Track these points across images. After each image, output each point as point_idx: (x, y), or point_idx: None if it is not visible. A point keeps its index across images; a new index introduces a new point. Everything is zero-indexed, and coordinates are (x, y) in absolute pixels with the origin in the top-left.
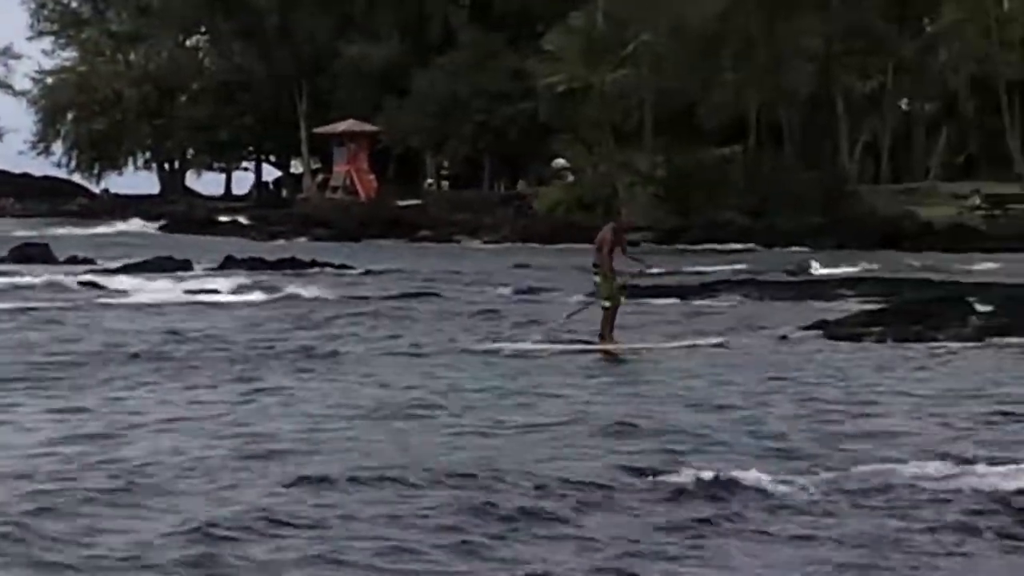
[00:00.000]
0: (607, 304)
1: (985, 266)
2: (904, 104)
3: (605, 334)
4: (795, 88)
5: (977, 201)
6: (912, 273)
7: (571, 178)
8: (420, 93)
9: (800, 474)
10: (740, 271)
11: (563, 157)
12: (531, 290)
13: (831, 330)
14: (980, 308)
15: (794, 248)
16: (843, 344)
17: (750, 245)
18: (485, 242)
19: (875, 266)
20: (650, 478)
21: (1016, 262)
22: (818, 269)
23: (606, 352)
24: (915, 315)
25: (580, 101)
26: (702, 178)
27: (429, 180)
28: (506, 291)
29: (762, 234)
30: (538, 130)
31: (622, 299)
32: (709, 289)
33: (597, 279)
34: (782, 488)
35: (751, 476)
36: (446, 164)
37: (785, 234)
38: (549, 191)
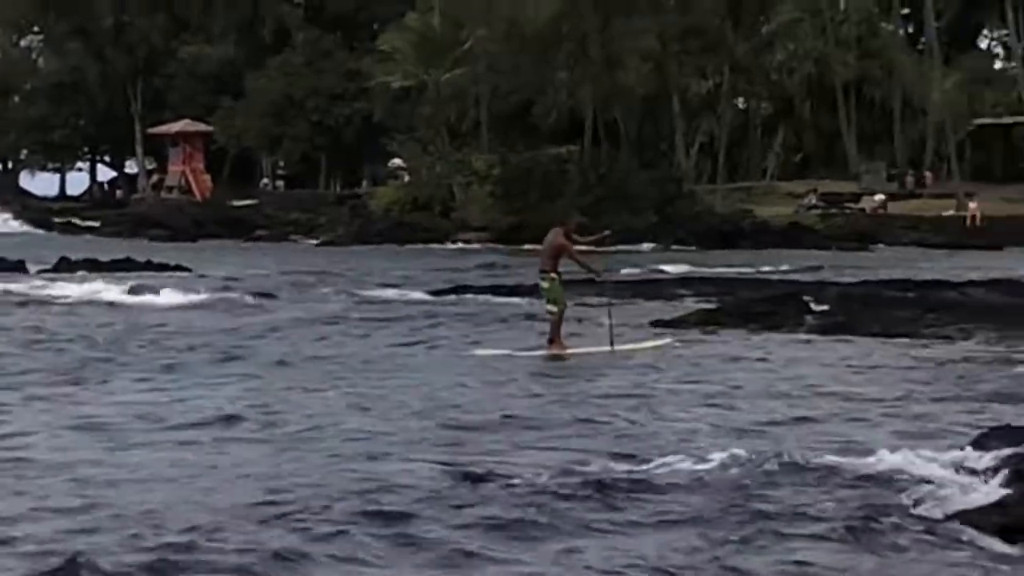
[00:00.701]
0: (554, 308)
1: (821, 265)
2: (740, 104)
3: (555, 338)
4: (631, 87)
5: (813, 200)
6: (749, 272)
7: (407, 178)
8: (255, 93)
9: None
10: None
11: (399, 156)
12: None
13: (668, 328)
14: (815, 307)
15: (631, 247)
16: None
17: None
18: (320, 243)
19: (712, 266)
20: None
21: (851, 260)
22: (655, 268)
23: (556, 356)
24: (751, 314)
25: (416, 100)
26: (538, 177)
27: (265, 180)
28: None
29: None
30: (374, 130)
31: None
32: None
33: (545, 284)
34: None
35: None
36: (282, 164)
37: (621, 234)
38: (385, 190)
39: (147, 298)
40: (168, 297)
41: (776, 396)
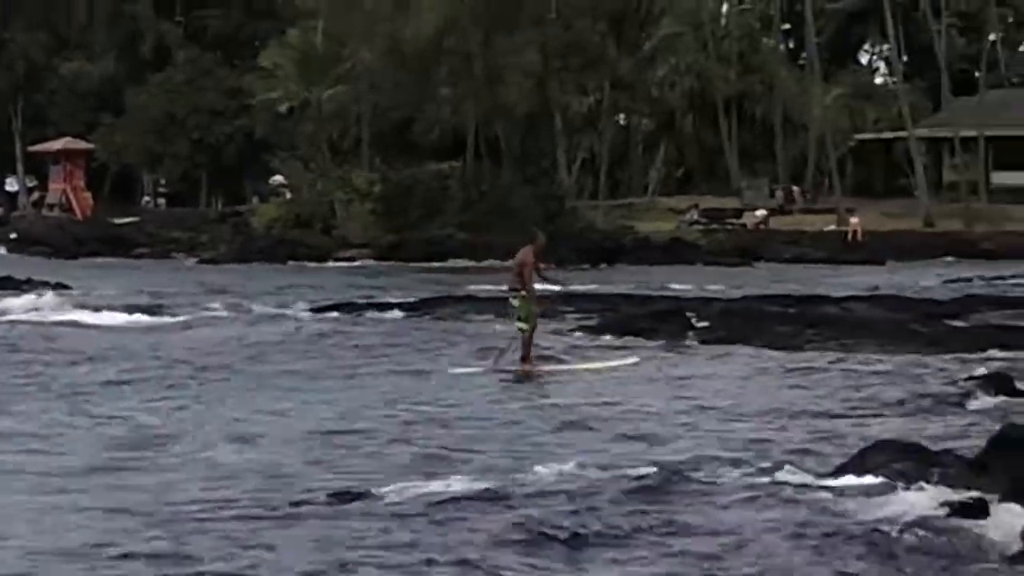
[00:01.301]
0: (524, 326)
1: (704, 279)
2: (622, 120)
3: (526, 356)
4: (513, 104)
5: (695, 216)
6: (632, 288)
7: (288, 195)
8: (135, 110)
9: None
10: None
11: (280, 174)
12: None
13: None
14: (697, 323)
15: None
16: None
17: (469, 261)
18: (202, 260)
19: (594, 282)
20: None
21: (732, 276)
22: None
23: (527, 374)
24: (633, 329)
25: (297, 118)
26: (420, 194)
27: (146, 197)
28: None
29: (481, 250)
30: (255, 147)
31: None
32: (427, 305)
33: (515, 302)
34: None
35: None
36: (163, 182)
37: (503, 250)
38: (266, 208)
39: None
40: (59, 314)
41: (656, 413)
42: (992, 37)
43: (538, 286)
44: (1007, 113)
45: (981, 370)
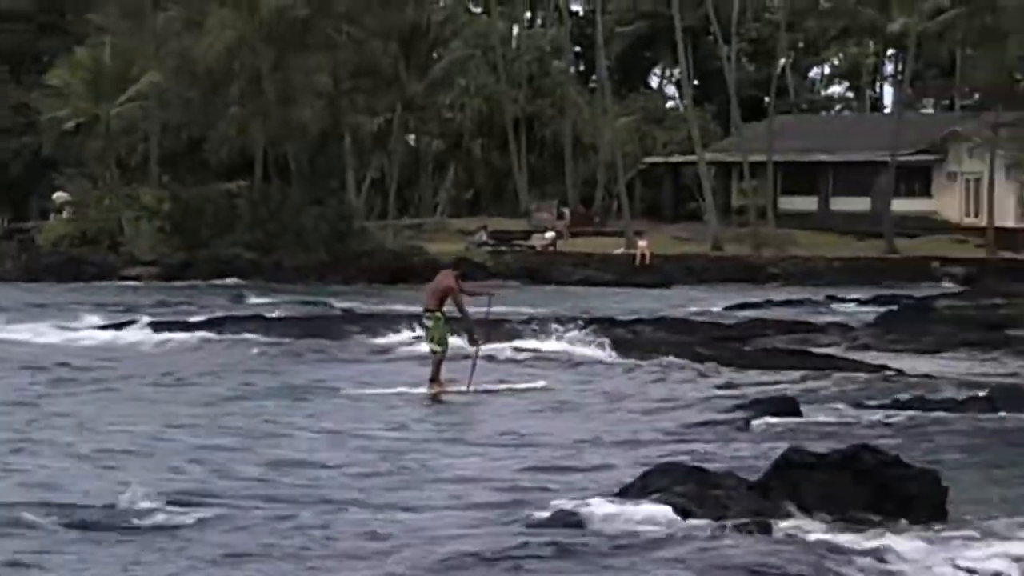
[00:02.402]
0: (438, 348)
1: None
2: (412, 140)
3: (435, 377)
4: (303, 124)
5: (484, 237)
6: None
7: (67, 212)
8: None
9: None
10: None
11: (66, 191)
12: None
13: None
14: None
15: (301, 284)
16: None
17: (257, 281)
18: None
19: (386, 303)
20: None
21: (521, 298)
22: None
23: (436, 396)
24: None
25: (85, 135)
26: (209, 212)
27: None
28: None
29: (269, 270)
30: (42, 164)
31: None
32: (227, 323)
33: (429, 323)
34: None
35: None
36: None
37: (292, 270)
38: (53, 225)
39: None
40: None
41: (453, 441)
42: (781, 63)
43: (472, 308)
44: (795, 138)
45: (766, 393)
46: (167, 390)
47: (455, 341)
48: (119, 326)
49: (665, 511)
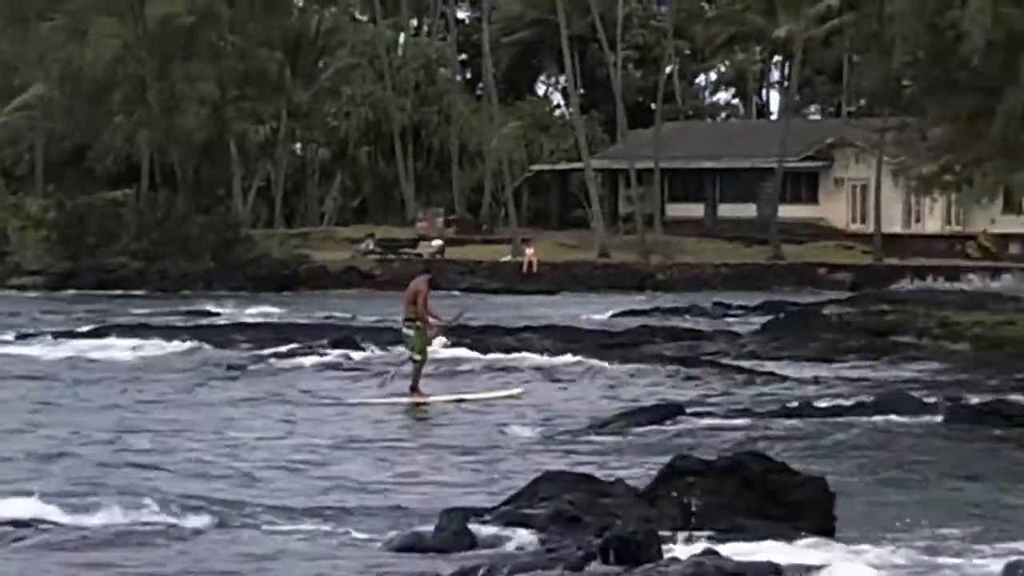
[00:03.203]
0: (417, 357)
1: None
2: (298, 149)
3: (416, 386)
4: (189, 132)
5: (370, 245)
6: (312, 317)
7: None
8: None
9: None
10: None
11: None
12: None
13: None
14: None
15: (187, 293)
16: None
17: (143, 289)
18: None
19: (275, 309)
20: None
21: None
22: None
23: (417, 404)
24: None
25: None
26: (94, 221)
27: None
28: None
29: (155, 279)
30: None
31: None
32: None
33: (410, 332)
34: None
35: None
36: None
37: (178, 279)
38: None
39: None
40: None
41: (305, 448)
42: (668, 70)
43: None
44: (683, 146)
45: (654, 400)
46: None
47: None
48: None
49: (552, 518)
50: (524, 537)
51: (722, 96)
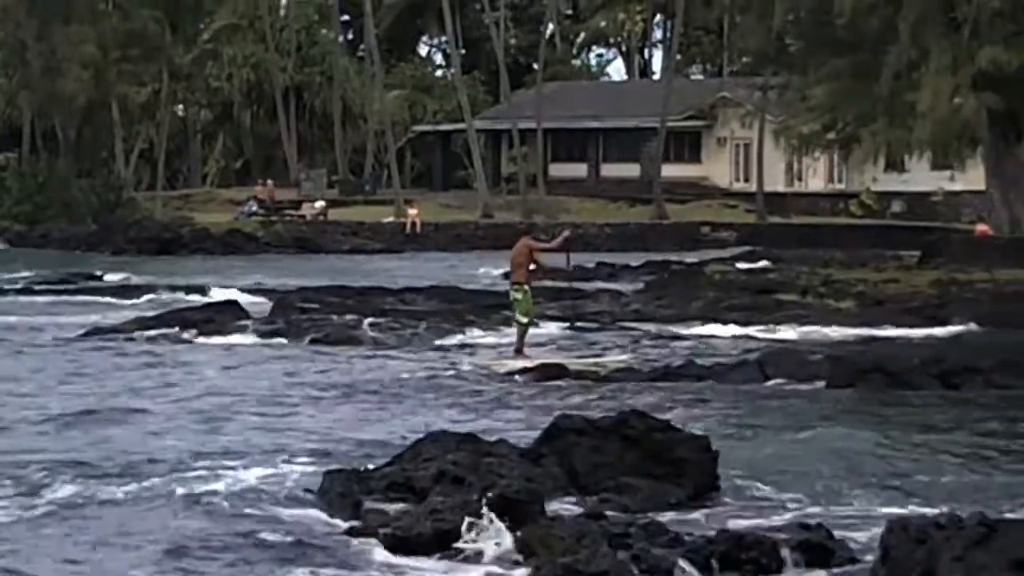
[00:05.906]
0: (524, 320)
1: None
2: (180, 111)
3: (520, 348)
4: (71, 95)
5: (253, 207)
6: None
7: None
8: None
9: None
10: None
11: None
12: None
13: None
14: (254, 314)
15: (72, 254)
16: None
17: (25, 251)
18: None
19: (154, 273)
20: None
21: (291, 266)
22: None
23: (522, 370)
24: (191, 321)
25: None
26: None
27: None
28: None
29: (36, 242)
30: None
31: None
32: None
33: (517, 295)
34: None
35: None
36: None
37: (60, 241)
38: None
39: None
40: None
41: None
42: (550, 29)
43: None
44: (565, 106)
45: (537, 360)
46: None
47: None
48: None
49: (435, 477)
50: (408, 498)
51: (604, 55)
